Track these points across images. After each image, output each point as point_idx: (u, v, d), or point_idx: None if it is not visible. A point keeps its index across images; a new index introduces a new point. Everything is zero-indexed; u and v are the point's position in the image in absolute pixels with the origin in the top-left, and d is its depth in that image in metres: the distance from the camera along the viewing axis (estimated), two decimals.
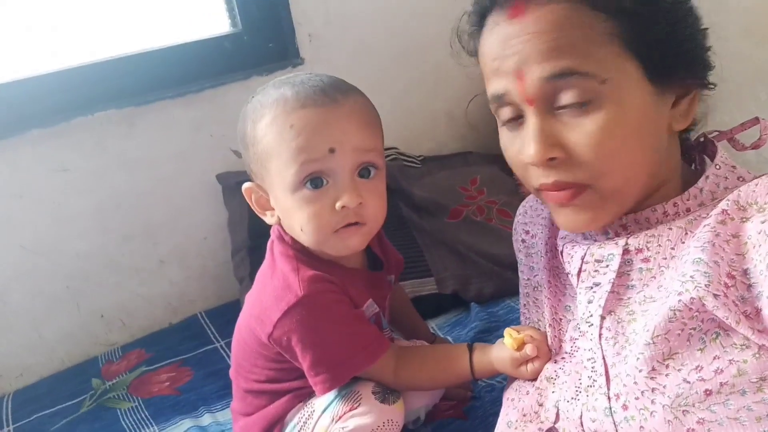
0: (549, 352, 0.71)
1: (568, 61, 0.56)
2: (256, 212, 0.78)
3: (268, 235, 0.81)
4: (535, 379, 0.71)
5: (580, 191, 0.60)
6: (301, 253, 0.75)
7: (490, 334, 1.07)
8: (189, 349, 1.18)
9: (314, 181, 0.69)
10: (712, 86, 0.63)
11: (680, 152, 0.65)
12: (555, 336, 0.71)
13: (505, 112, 0.62)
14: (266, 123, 0.70)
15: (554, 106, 0.58)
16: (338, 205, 0.69)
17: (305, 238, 0.72)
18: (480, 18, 0.63)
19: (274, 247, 0.78)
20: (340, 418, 0.74)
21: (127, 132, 1.18)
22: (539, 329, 0.74)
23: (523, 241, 0.82)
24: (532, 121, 0.59)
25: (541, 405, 0.67)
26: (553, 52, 0.56)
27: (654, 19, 0.57)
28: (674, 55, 0.58)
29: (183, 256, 1.30)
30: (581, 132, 0.57)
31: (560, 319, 0.71)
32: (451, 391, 0.95)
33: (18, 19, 1.12)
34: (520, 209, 0.84)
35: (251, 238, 1.23)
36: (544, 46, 0.56)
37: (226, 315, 1.27)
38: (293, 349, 0.72)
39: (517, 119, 0.62)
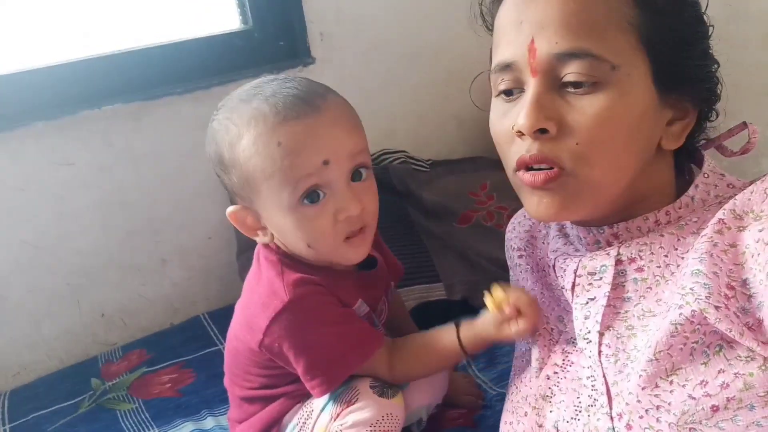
0: (536, 314, 0.68)
1: (585, 41, 0.54)
2: (246, 234, 0.74)
3: None
4: (517, 337, 0.69)
5: (557, 176, 0.57)
6: (286, 257, 0.73)
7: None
8: (191, 351, 1.15)
9: (311, 195, 0.67)
10: (712, 118, 0.62)
11: (672, 169, 0.63)
12: (545, 346, 0.70)
13: (506, 82, 0.60)
14: (248, 143, 0.66)
15: (559, 80, 0.56)
16: (342, 216, 0.68)
17: (313, 253, 0.71)
18: None
19: (260, 254, 0.76)
20: (338, 415, 0.73)
21: (133, 127, 1.16)
22: (527, 292, 0.70)
23: (510, 258, 0.80)
24: (531, 90, 0.57)
25: (541, 426, 0.65)
26: (571, 27, 0.55)
27: (676, 24, 0.56)
28: (684, 70, 0.57)
29: (186, 256, 1.27)
30: (580, 111, 0.55)
31: (551, 329, 0.70)
32: (462, 399, 0.93)
33: (26, 10, 1.11)
34: (509, 227, 0.82)
35: None
36: (564, 18, 0.55)
37: (229, 317, 1.22)
38: (285, 356, 0.71)
39: (516, 91, 0.59)
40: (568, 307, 0.69)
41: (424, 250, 1.24)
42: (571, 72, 0.55)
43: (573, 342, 0.66)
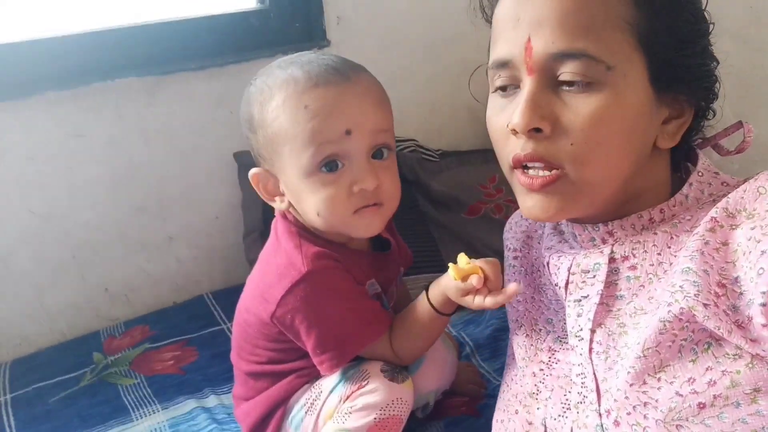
0: (500, 286, 0.68)
1: (581, 42, 0.54)
2: (264, 198, 0.75)
3: None
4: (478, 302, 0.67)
5: (553, 181, 0.57)
6: (304, 230, 0.74)
7: (504, 333, 1.05)
8: (195, 329, 1.15)
9: (329, 164, 0.68)
10: (709, 116, 0.61)
11: (668, 167, 0.63)
12: (531, 345, 0.70)
13: (502, 79, 0.60)
14: (277, 104, 0.67)
15: (555, 79, 0.56)
16: (356, 188, 0.68)
17: (321, 222, 0.71)
18: None
19: (278, 226, 0.77)
20: (348, 397, 0.73)
21: (146, 101, 1.15)
22: (493, 260, 0.70)
23: (506, 258, 0.80)
24: (527, 89, 0.56)
25: (530, 423, 0.65)
26: (568, 26, 0.54)
27: (674, 22, 0.56)
28: (681, 68, 0.57)
29: (193, 234, 1.27)
30: (575, 111, 0.55)
31: (540, 330, 0.70)
32: (465, 388, 0.93)
33: None
34: (506, 226, 0.83)
35: (265, 221, 1.20)
36: (560, 17, 0.54)
37: (233, 297, 1.21)
38: (297, 328, 0.71)
39: (512, 88, 0.59)
40: (557, 308, 0.69)
41: (431, 239, 1.24)
42: (566, 71, 0.55)
43: (560, 340, 0.67)
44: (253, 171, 0.74)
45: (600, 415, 0.58)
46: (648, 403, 0.54)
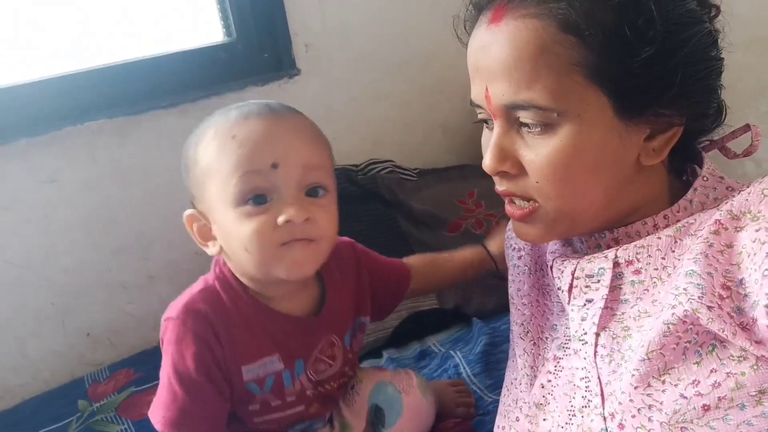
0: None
1: (526, 94, 0.56)
2: (197, 242, 0.73)
3: None
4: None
5: (531, 213, 0.61)
6: (223, 276, 0.73)
7: (495, 348, 1.04)
8: None
9: (257, 198, 0.65)
10: (707, 128, 0.61)
11: (664, 177, 0.63)
12: (539, 354, 0.69)
13: (482, 114, 0.63)
14: (208, 140, 0.67)
15: (516, 121, 0.58)
16: (281, 219, 0.64)
17: (249, 259, 0.67)
18: (477, 12, 0.62)
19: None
20: None
21: (119, 142, 1.15)
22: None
23: (510, 257, 0.81)
24: (494, 132, 0.60)
25: None
26: (513, 80, 0.56)
27: (631, 49, 0.53)
28: (649, 90, 0.54)
29: (174, 272, 1.25)
30: (535, 152, 0.58)
31: (546, 338, 0.70)
32: (455, 411, 0.92)
33: (7, 24, 1.09)
34: (508, 226, 0.83)
35: None
36: (505, 71, 0.56)
37: None
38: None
39: (491, 122, 0.62)
40: (559, 311, 0.69)
41: None
42: (523, 117, 0.57)
43: (563, 347, 0.66)
44: (187, 213, 0.72)
45: (604, 418, 0.57)
46: (652, 405, 0.54)
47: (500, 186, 0.63)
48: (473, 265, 0.92)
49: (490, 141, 0.61)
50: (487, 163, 0.61)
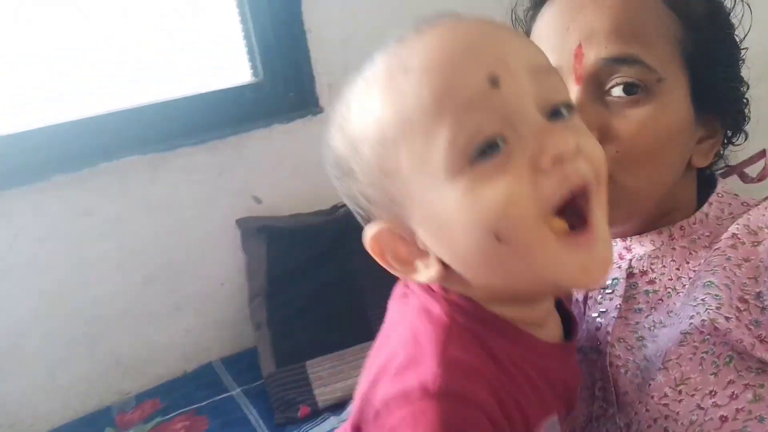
0: None
1: (636, 48, 0.53)
2: (398, 273, 0.45)
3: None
4: None
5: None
6: (463, 304, 0.43)
7: None
8: (204, 398, 1.16)
9: (486, 147, 0.39)
10: (736, 141, 0.62)
11: (695, 188, 0.64)
12: None
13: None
14: (366, 99, 0.43)
15: (602, 89, 0.55)
16: (547, 159, 0.38)
17: (507, 254, 0.40)
18: None
19: (408, 298, 0.46)
20: None
21: (150, 177, 1.20)
22: None
23: None
24: (574, 98, 0.53)
25: None
26: (622, 33, 0.54)
27: (717, 44, 0.57)
28: (719, 90, 0.57)
29: (200, 302, 1.29)
30: (623, 120, 0.54)
31: None
32: None
33: (47, 67, 1.16)
34: None
35: (269, 283, 1.22)
36: (615, 24, 0.54)
37: (241, 362, 1.25)
38: None
39: None
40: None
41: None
42: (618, 77, 0.54)
43: (580, 357, 0.65)
44: (369, 234, 0.44)
45: (620, 428, 0.57)
46: (669, 416, 0.53)
47: None
48: None
49: None
50: None
